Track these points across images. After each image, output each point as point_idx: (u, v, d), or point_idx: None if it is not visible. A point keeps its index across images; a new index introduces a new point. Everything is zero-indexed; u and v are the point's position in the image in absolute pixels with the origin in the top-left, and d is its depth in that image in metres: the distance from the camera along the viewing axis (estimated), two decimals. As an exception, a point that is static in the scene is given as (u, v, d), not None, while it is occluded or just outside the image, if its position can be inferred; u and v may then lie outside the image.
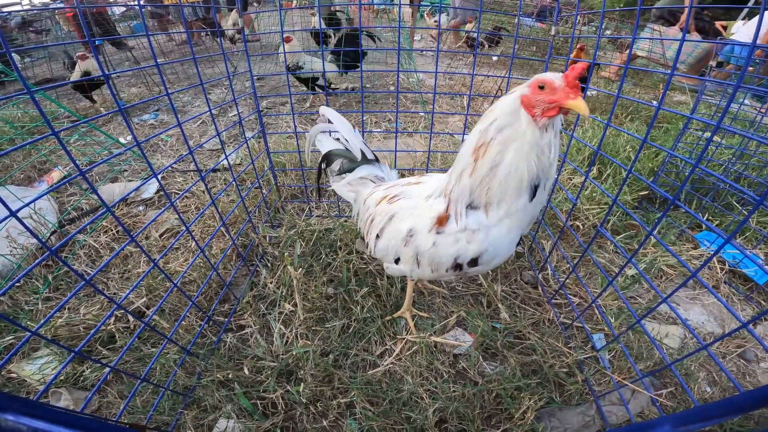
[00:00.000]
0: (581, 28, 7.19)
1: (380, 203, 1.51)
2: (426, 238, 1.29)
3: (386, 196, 1.50)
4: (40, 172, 3.22)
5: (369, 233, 1.57)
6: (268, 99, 5.14)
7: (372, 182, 1.72)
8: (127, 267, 2.16)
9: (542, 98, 1.03)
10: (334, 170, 1.82)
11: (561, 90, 1.00)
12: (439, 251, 1.27)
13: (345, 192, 1.80)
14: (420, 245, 1.31)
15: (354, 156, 1.75)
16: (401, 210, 1.41)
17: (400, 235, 1.38)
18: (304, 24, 8.20)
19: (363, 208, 1.66)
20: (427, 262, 1.33)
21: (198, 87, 1.67)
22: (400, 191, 1.47)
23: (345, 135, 1.75)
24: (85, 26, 1.20)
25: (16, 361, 1.65)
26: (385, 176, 1.74)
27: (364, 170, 1.71)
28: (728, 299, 2.09)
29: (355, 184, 1.74)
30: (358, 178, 1.71)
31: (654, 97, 5.52)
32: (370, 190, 1.65)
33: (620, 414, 1.49)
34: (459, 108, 4.96)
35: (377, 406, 1.50)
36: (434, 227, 1.27)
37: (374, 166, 1.75)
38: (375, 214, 1.53)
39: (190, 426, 1.43)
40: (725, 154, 3.06)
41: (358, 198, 1.74)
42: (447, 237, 1.25)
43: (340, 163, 1.78)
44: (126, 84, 5.91)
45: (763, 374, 1.72)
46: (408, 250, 1.36)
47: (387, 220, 1.45)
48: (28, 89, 0.94)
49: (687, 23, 1.39)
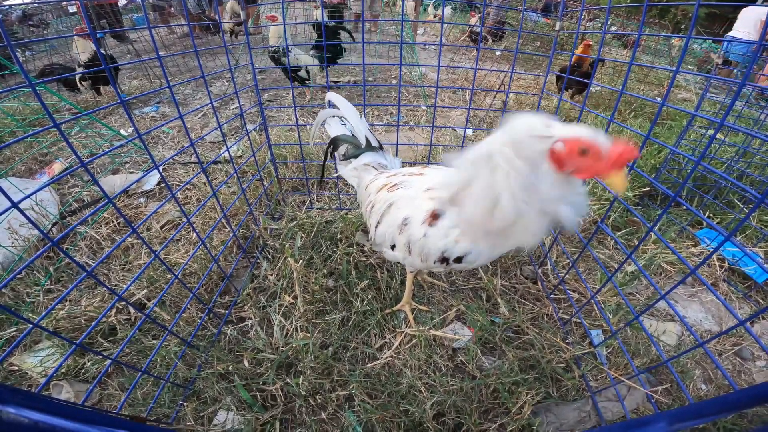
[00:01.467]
0: (586, 23, 7.14)
1: (380, 191, 1.54)
2: (419, 229, 1.32)
3: (387, 184, 1.53)
4: (41, 164, 3.22)
5: (370, 219, 1.60)
6: (270, 91, 5.13)
7: (375, 169, 1.74)
8: (129, 258, 2.17)
9: (581, 163, 0.92)
10: (340, 154, 1.85)
11: (607, 161, 0.90)
12: (428, 243, 1.31)
13: (349, 176, 1.84)
14: (412, 234, 1.35)
15: (359, 142, 1.77)
16: (400, 199, 1.43)
17: (396, 223, 1.41)
18: (306, 17, 8.14)
19: (364, 194, 1.68)
20: (417, 251, 1.36)
21: (199, 79, 1.67)
22: (402, 180, 1.48)
23: (351, 121, 1.78)
24: (87, 20, 1.19)
25: (17, 354, 1.66)
26: (388, 164, 1.76)
27: (368, 157, 1.74)
28: (727, 297, 2.09)
29: (359, 170, 1.77)
30: (362, 165, 1.74)
31: (658, 94, 5.49)
32: (372, 177, 1.67)
33: (616, 410, 1.50)
34: (461, 102, 4.94)
35: (376, 399, 1.51)
36: (428, 220, 1.29)
37: (378, 153, 1.77)
38: (375, 201, 1.55)
39: (190, 418, 1.44)
40: (728, 152, 3.05)
41: (360, 183, 1.76)
42: (437, 230, 1.28)
43: (346, 148, 1.81)
44: (127, 77, 5.88)
45: (758, 372, 1.73)
46: (402, 237, 1.39)
47: (386, 207, 1.48)
48: (29, 82, 0.94)
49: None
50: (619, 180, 0.91)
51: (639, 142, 3.08)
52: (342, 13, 7.29)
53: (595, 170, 0.92)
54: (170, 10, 8.94)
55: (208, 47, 6.16)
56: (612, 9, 1.62)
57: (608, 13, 1.98)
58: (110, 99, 4.85)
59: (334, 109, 1.80)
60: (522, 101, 4.75)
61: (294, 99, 2.31)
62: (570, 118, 4.37)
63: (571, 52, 2.02)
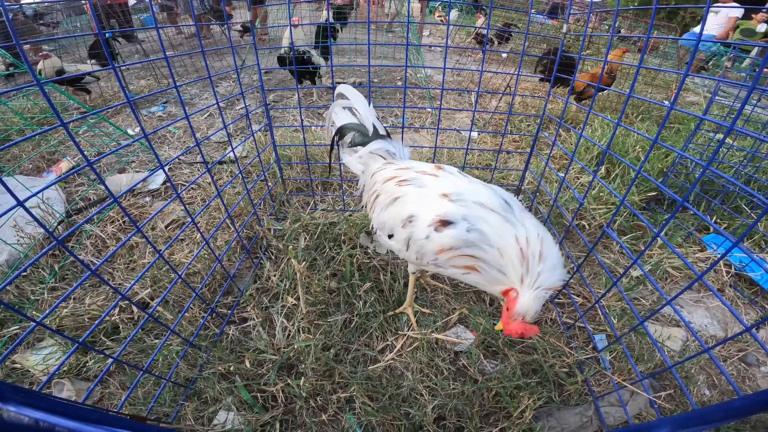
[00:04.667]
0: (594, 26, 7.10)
1: (388, 182, 1.53)
2: (424, 230, 1.32)
3: (396, 177, 1.52)
4: (48, 162, 3.26)
5: (372, 207, 1.60)
6: (275, 92, 5.15)
7: (382, 157, 1.74)
8: (133, 258, 2.18)
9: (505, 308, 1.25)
10: (346, 142, 1.85)
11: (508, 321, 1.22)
12: (429, 246, 1.32)
13: (354, 164, 1.84)
14: (415, 233, 1.36)
15: (366, 130, 1.77)
16: (409, 195, 1.44)
17: (400, 217, 1.42)
18: (312, 18, 8.17)
19: (370, 182, 1.68)
20: (415, 248, 1.38)
21: (206, 80, 1.68)
22: (413, 177, 1.47)
23: (359, 109, 1.79)
24: (96, 20, 1.20)
25: (20, 351, 1.67)
26: (396, 152, 1.76)
27: (376, 144, 1.73)
28: (733, 303, 2.07)
29: (365, 158, 1.77)
30: (368, 152, 1.73)
31: (666, 97, 5.45)
32: (380, 166, 1.67)
33: (618, 415, 1.48)
34: (466, 104, 4.93)
35: (376, 401, 1.51)
36: (435, 224, 1.28)
37: (386, 141, 1.77)
38: (381, 192, 1.56)
39: (190, 418, 1.45)
40: (736, 156, 3.02)
41: (366, 171, 1.76)
42: (441, 236, 1.28)
43: (352, 135, 1.81)
44: (135, 76, 5.93)
45: (762, 378, 1.71)
46: (403, 232, 1.40)
47: (392, 200, 1.48)
48: (37, 81, 0.95)
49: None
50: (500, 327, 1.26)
51: (646, 145, 3.04)
52: (347, 14, 7.30)
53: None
54: (177, 11, 9.01)
55: (215, 47, 6.19)
56: (620, 11, 1.61)
57: (616, 15, 1.97)
58: (115, 99, 4.89)
59: (344, 100, 1.82)
60: (528, 104, 4.73)
61: (299, 100, 2.32)
62: (577, 121, 4.34)
63: (578, 55, 2.00)
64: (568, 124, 3.55)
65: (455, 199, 1.32)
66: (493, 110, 4.53)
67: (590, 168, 2.92)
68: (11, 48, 3.85)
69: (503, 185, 2.69)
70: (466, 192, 1.34)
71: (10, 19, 0.88)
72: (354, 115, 1.84)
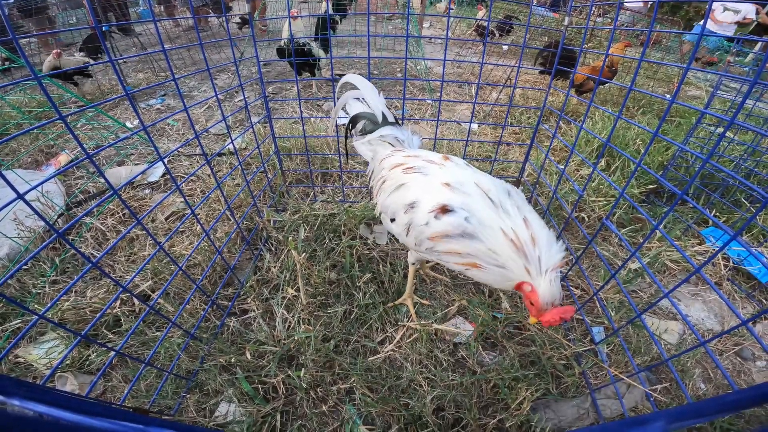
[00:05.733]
0: (596, 19, 7.04)
1: (394, 169, 1.56)
2: (424, 216, 1.35)
3: (403, 164, 1.54)
4: (47, 155, 3.25)
5: (379, 192, 1.63)
6: (275, 84, 5.12)
7: (390, 144, 1.76)
8: (133, 250, 2.18)
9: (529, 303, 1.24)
10: (357, 130, 1.88)
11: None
12: (426, 232, 1.34)
13: (364, 151, 1.86)
14: (415, 218, 1.38)
15: (376, 119, 1.80)
16: (413, 182, 1.46)
17: (403, 202, 1.44)
18: (312, 10, 8.09)
19: (378, 168, 1.70)
20: (414, 234, 1.40)
21: (204, 72, 1.67)
22: (419, 166, 1.50)
23: (369, 98, 1.82)
24: (92, 14, 1.20)
25: (23, 345, 1.68)
26: (405, 139, 1.78)
27: (384, 131, 1.76)
28: (730, 296, 2.08)
29: (374, 144, 1.79)
30: (377, 138, 1.76)
31: (668, 91, 5.42)
32: (389, 152, 1.69)
33: (614, 408, 1.50)
34: (467, 96, 4.91)
35: (376, 392, 1.52)
36: (435, 211, 1.30)
37: (395, 127, 1.79)
38: (387, 178, 1.58)
39: (192, 410, 1.46)
40: (737, 150, 3.01)
41: (375, 156, 1.78)
42: (440, 223, 1.30)
43: (363, 124, 1.84)
44: (133, 69, 5.89)
45: (758, 372, 1.72)
46: (405, 217, 1.43)
47: (397, 186, 1.50)
48: (35, 75, 0.95)
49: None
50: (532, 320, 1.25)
51: (647, 138, 3.03)
52: (346, 6, 7.22)
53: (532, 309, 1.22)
54: (175, 3, 8.91)
55: (213, 40, 6.14)
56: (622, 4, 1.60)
57: (618, 8, 1.95)
58: (113, 92, 4.86)
59: (356, 91, 1.84)
60: (528, 96, 4.71)
61: (299, 91, 2.31)
62: (577, 114, 4.33)
63: (580, 48, 1.99)
64: (569, 117, 3.54)
65: (457, 188, 1.33)
66: (494, 102, 4.51)
67: (590, 160, 2.92)
68: (8, 42, 3.82)
69: (503, 177, 2.68)
70: (468, 182, 1.35)
71: (6, 15, 0.88)
72: (365, 104, 1.87)
